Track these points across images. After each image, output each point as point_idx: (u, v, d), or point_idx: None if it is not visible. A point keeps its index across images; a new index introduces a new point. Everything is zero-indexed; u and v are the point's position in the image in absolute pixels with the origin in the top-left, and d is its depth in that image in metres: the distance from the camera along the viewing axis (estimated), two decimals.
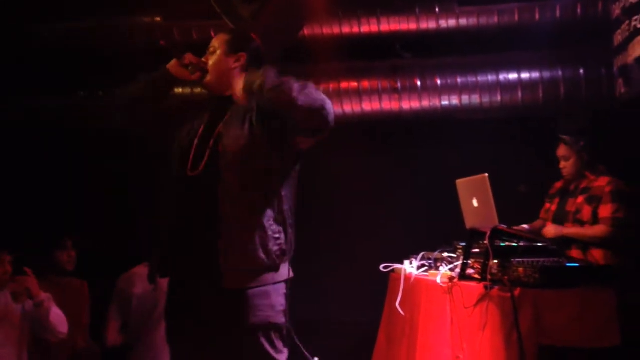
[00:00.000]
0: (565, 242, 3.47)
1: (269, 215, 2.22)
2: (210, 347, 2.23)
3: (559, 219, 3.62)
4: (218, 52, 2.40)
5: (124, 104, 2.43)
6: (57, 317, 3.43)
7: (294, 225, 2.33)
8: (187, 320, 2.27)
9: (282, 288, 2.28)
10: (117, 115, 2.52)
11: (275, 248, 2.21)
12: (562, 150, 3.64)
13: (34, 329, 3.45)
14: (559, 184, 3.79)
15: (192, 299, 2.25)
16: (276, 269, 2.24)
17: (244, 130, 2.26)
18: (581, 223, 3.49)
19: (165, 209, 2.31)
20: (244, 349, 2.20)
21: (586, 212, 3.47)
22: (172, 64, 2.39)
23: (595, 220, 3.44)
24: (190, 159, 2.26)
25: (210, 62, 2.39)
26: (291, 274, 2.33)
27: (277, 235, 2.23)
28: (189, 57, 2.38)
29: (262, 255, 2.18)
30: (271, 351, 2.20)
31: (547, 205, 3.80)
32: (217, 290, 2.18)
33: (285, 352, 2.27)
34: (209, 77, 2.38)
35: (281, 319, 2.25)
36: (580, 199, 3.53)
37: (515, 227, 3.55)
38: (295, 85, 2.15)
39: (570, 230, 3.48)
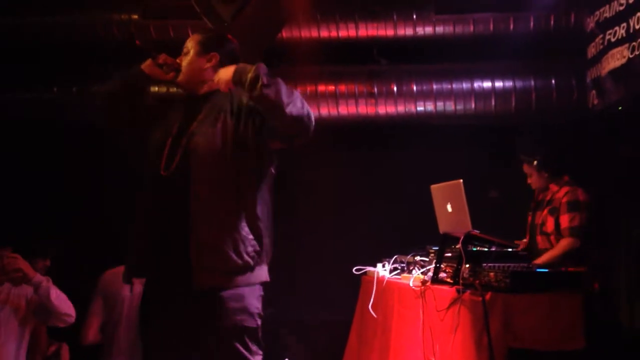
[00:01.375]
0: None
1: (241, 217, 2.22)
2: (184, 349, 2.23)
3: (532, 232, 3.79)
4: (191, 52, 2.41)
5: (100, 101, 2.43)
6: (59, 299, 3.24)
7: (271, 228, 2.33)
8: (160, 322, 2.26)
9: (257, 290, 2.28)
10: (94, 113, 2.51)
11: (249, 249, 2.21)
12: (525, 168, 3.85)
13: (40, 317, 3.30)
14: (538, 197, 3.92)
15: (165, 300, 2.25)
16: (250, 270, 2.23)
17: (217, 128, 2.26)
18: (547, 235, 3.65)
19: (138, 209, 2.30)
20: (218, 352, 2.20)
21: (550, 224, 3.63)
22: (147, 64, 2.40)
23: (557, 230, 3.60)
24: (164, 158, 2.26)
25: (184, 63, 2.40)
26: (267, 277, 2.32)
27: (250, 237, 2.22)
28: (163, 57, 2.40)
29: (234, 257, 2.17)
30: (245, 354, 2.20)
31: (529, 218, 3.91)
32: (189, 291, 2.17)
33: (260, 353, 2.27)
34: (181, 77, 2.40)
35: (255, 322, 2.24)
36: (545, 211, 3.69)
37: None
38: (285, 90, 2.15)
39: (543, 259, 3.58)
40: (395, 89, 4.67)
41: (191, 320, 2.21)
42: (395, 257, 3.39)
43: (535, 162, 3.75)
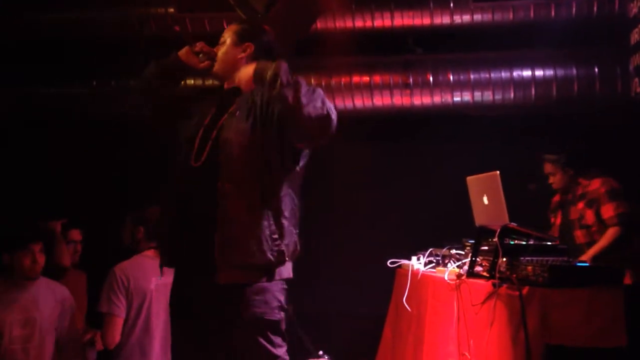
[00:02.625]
0: None
1: (266, 214, 2.20)
2: (208, 342, 2.25)
3: (566, 229, 3.76)
4: (227, 41, 2.41)
5: (138, 88, 2.46)
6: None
7: (297, 226, 2.31)
8: (187, 314, 2.28)
9: (279, 283, 2.26)
10: (133, 100, 2.55)
11: (273, 247, 2.19)
12: (547, 168, 3.84)
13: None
14: (556, 198, 3.94)
15: (189, 293, 2.27)
16: (273, 267, 2.22)
17: (247, 124, 2.24)
18: (588, 227, 3.64)
19: (168, 200, 2.32)
20: (241, 345, 2.20)
21: (589, 216, 3.62)
22: (184, 51, 2.41)
23: (600, 222, 3.57)
24: (195, 149, 2.27)
25: (219, 52, 2.41)
26: (290, 275, 2.31)
27: (275, 236, 2.20)
28: (200, 45, 2.41)
29: (258, 254, 2.16)
30: (268, 346, 2.20)
31: (552, 219, 3.92)
32: (211, 284, 2.18)
33: (284, 346, 2.26)
34: (216, 66, 2.40)
35: (276, 315, 2.23)
36: (580, 205, 3.67)
37: None
38: (304, 90, 2.11)
39: (590, 252, 3.57)
40: (431, 79, 4.60)
41: (215, 313, 2.22)
42: (430, 250, 3.35)
43: (561, 161, 3.76)
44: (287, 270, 2.30)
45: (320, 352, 4.19)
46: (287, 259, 2.25)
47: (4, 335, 3.16)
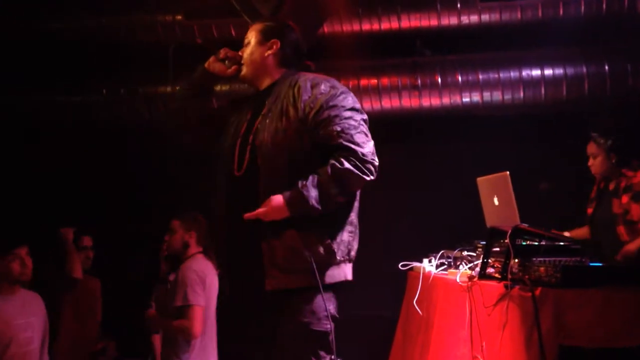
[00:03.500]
0: None
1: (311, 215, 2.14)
2: (258, 349, 2.23)
3: (607, 224, 3.49)
4: (252, 42, 2.37)
5: (173, 109, 2.47)
6: None
7: (352, 224, 2.29)
8: (236, 321, 2.29)
9: (329, 293, 2.20)
10: (166, 118, 2.54)
11: (320, 249, 2.14)
12: (590, 148, 3.59)
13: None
14: (595, 187, 3.69)
15: (239, 299, 2.26)
16: (322, 270, 2.16)
17: (282, 122, 2.20)
18: (633, 224, 3.37)
19: (216, 211, 2.30)
20: (284, 354, 2.16)
21: (635, 212, 3.35)
22: (210, 61, 2.38)
23: None
24: (236, 158, 2.24)
25: (245, 54, 2.37)
26: (347, 277, 2.26)
27: (324, 235, 2.16)
28: (224, 51, 2.38)
29: (305, 256, 2.11)
30: (312, 358, 2.14)
31: (589, 210, 3.69)
32: (262, 292, 2.15)
33: (328, 357, 2.19)
34: (244, 69, 2.36)
35: (324, 326, 2.17)
36: (625, 198, 3.40)
37: (569, 232, 3.53)
38: (333, 192, 2.15)
39: (630, 247, 3.32)
40: (439, 80, 4.58)
41: (261, 320, 2.21)
42: (441, 252, 3.33)
43: (608, 143, 3.49)
44: (342, 272, 2.25)
45: (333, 357, 4.18)
46: (339, 258, 2.20)
47: (13, 340, 3.19)
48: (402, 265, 3.51)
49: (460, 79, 4.57)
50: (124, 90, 4.88)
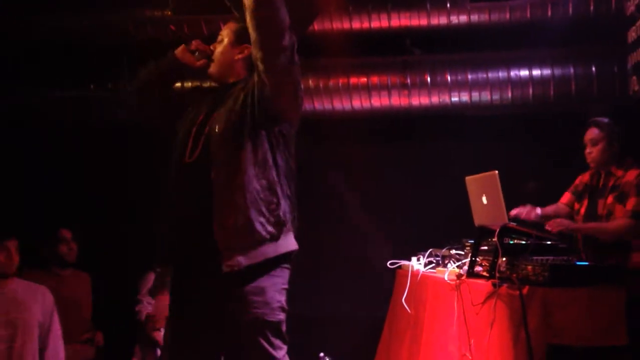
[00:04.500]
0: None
1: (260, 186, 2.18)
2: (205, 340, 2.23)
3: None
4: (225, 41, 2.38)
5: (135, 88, 2.45)
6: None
7: (293, 195, 2.30)
8: (185, 314, 2.27)
9: (279, 283, 2.24)
10: (129, 100, 2.54)
11: (271, 219, 2.18)
12: (591, 133, 3.34)
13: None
14: (585, 178, 3.51)
15: (190, 289, 2.26)
16: (276, 239, 2.19)
17: (234, 108, 2.23)
18: None
19: (165, 199, 2.31)
20: (240, 346, 2.19)
21: (619, 213, 3.16)
22: (180, 49, 2.40)
23: None
24: (189, 146, 2.27)
25: (216, 51, 2.39)
26: (295, 247, 2.28)
27: (272, 206, 2.19)
28: (195, 43, 2.40)
29: (258, 230, 2.15)
30: (268, 348, 2.18)
31: (570, 198, 3.52)
32: (211, 281, 2.17)
33: (284, 348, 2.24)
34: (212, 67, 2.39)
35: (277, 316, 2.21)
36: (610, 199, 3.24)
37: (542, 209, 3.40)
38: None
39: (587, 225, 3.24)
40: (429, 79, 4.59)
41: (212, 313, 2.21)
42: (430, 250, 3.34)
43: (613, 128, 3.28)
44: (290, 241, 2.27)
45: (321, 354, 4.19)
46: (288, 226, 2.23)
47: None
48: (391, 264, 3.52)
49: (449, 78, 4.58)
50: (111, 85, 4.84)
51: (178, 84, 2.66)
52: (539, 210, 3.46)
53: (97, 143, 4.90)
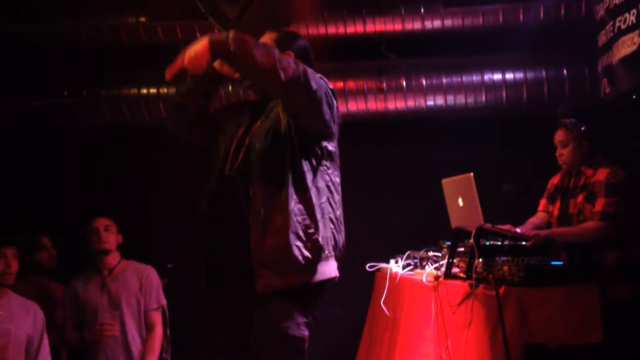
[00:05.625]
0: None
1: (298, 210, 2.14)
2: (230, 351, 2.22)
3: (564, 224, 3.32)
4: None
5: (176, 103, 2.40)
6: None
7: (337, 220, 2.28)
8: (214, 327, 2.26)
9: (310, 302, 2.21)
10: (170, 118, 2.50)
11: (309, 244, 2.13)
12: (560, 135, 3.35)
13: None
14: (555, 180, 3.51)
15: (220, 305, 2.25)
16: (312, 267, 2.15)
17: (274, 125, 2.21)
18: None
19: (201, 209, 2.28)
20: (257, 356, 2.15)
21: (589, 213, 3.16)
22: (219, 62, 2.32)
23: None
24: (230, 158, 2.25)
25: None
26: (335, 274, 2.25)
27: (310, 230, 2.14)
28: None
29: (294, 253, 2.10)
30: None
31: (545, 203, 3.53)
32: (249, 294, 2.13)
33: None
34: None
35: (301, 332, 2.17)
36: (580, 198, 3.24)
37: (524, 226, 3.39)
38: (278, 54, 2.04)
39: (558, 231, 3.21)
40: (404, 83, 4.63)
41: (241, 325, 2.19)
42: (408, 252, 3.36)
43: (580, 129, 3.26)
44: (330, 268, 2.23)
45: None
46: (326, 253, 2.19)
47: None
48: (369, 267, 3.53)
49: (424, 82, 4.62)
50: (86, 92, 4.79)
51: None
52: (533, 221, 3.48)
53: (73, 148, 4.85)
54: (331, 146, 2.28)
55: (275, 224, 2.12)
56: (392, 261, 3.45)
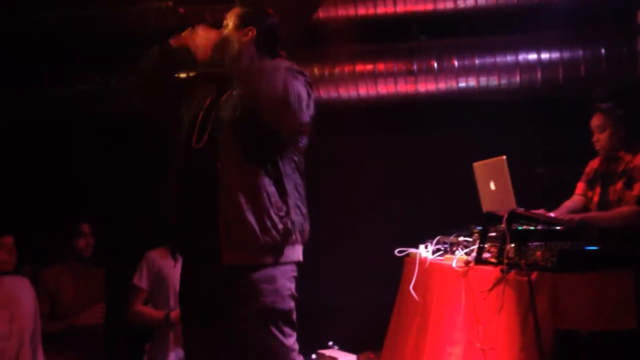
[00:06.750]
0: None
1: (270, 192, 2.17)
2: (216, 328, 2.23)
3: (602, 210, 3.26)
4: (230, 25, 2.37)
5: (141, 73, 2.43)
6: None
7: (303, 206, 2.28)
8: (194, 301, 2.28)
9: (289, 271, 2.24)
10: (137, 87, 2.54)
11: (279, 226, 2.16)
12: (596, 120, 3.28)
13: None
14: (595, 164, 3.44)
15: (197, 278, 2.26)
16: (280, 248, 2.19)
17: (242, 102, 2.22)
18: None
19: (171, 183, 2.31)
20: (249, 334, 2.18)
21: (630, 199, 3.10)
22: (185, 34, 2.38)
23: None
24: (196, 131, 2.26)
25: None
26: (299, 258, 2.28)
27: (281, 213, 2.17)
28: (201, 28, 2.38)
29: (263, 233, 2.13)
30: (278, 335, 2.18)
31: (584, 187, 3.44)
32: (219, 269, 2.16)
33: (294, 335, 2.25)
34: None
35: (287, 304, 2.22)
36: (619, 184, 3.20)
37: (558, 210, 3.33)
38: (266, 74, 2.10)
39: (593, 215, 3.18)
40: (435, 65, 4.55)
41: (222, 301, 2.21)
42: (437, 238, 3.32)
43: (617, 113, 3.19)
44: (296, 252, 2.26)
45: (330, 343, 4.19)
46: (294, 238, 2.21)
47: None
48: (399, 252, 3.51)
49: (456, 63, 4.53)
50: (116, 79, 4.83)
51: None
52: (568, 204, 3.42)
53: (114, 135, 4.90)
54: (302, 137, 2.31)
55: (244, 203, 2.13)
56: (422, 246, 3.41)
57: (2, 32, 4.48)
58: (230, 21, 2.38)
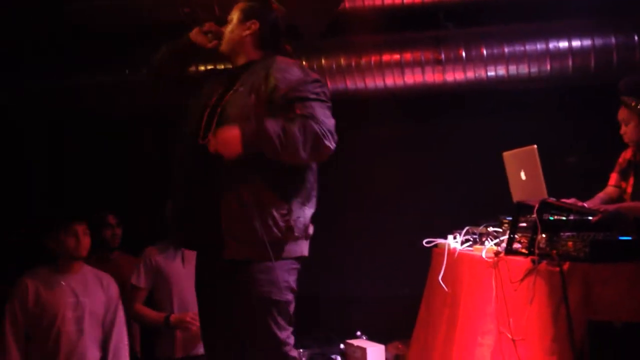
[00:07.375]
0: None
1: (273, 190, 2.20)
2: (219, 318, 2.29)
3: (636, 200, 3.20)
4: (234, 19, 2.43)
5: (151, 71, 2.52)
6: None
7: (309, 201, 2.30)
8: (201, 291, 2.36)
9: (289, 264, 2.26)
10: (146, 83, 2.60)
11: (280, 224, 2.19)
12: (622, 113, 3.24)
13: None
14: (628, 154, 3.39)
15: (202, 270, 2.35)
16: (281, 244, 2.22)
17: (251, 99, 2.25)
18: None
19: (176, 178, 2.36)
20: (245, 323, 2.22)
21: None
22: (194, 32, 2.45)
23: None
24: (202, 127, 2.29)
25: (226, 30, 2.44)
26: (303, 253, 2.30)
27: (282, 211, 2.20)
28: (209, 25, 2.45)
29: (263, 230, 2.16)
30: (273, 327, 2.21)
31: (617, 177, 3.40)
32: (221, 261, 2.21)
33: (289, 329, 2.26)
34: (222, 45, 2.43)
35: (284, 296, 2.23)
36: None
37: (591, 200, 3.28)
38: (297, 137, 2.14)
39: (623, 205, 3.11)
40: (463, 54, 4.50)
41: (222, 290, 2.26)
42: (466, 228, 3.30)
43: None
44: (299, 248, 2.29)
45: (358, 333, 4.20)
46: (296, 235, 2.24)
47: (57, 317, 3.28)
48: (427, 242, 3.49)
49: (485, 52, 4.47)
50: (128, 72, 4.84)
51: (193, 67, 2.71)
52: (601, 195, 3.37)
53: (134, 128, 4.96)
54: None
55: (247, 200, 2.16)
56: (450, 237, 3.39)
57: (3, 31, 4.53)
58: (234, 16, 2.43)
